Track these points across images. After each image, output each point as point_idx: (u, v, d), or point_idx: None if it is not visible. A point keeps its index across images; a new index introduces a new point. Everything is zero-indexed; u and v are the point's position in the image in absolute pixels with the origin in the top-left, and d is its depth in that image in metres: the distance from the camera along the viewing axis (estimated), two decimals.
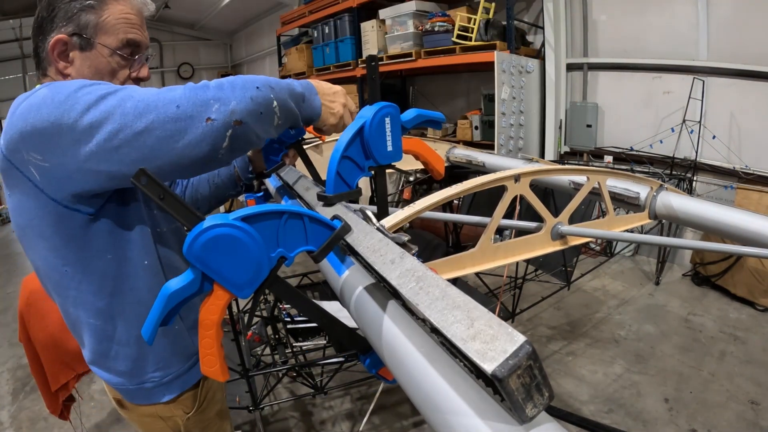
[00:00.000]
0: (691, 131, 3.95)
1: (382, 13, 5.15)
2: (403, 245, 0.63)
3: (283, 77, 5.46)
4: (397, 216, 0.93)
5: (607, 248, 4.53)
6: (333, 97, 0.94)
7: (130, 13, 0.91)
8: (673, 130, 4.07)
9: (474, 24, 4.20)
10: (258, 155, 1.27)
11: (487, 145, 4.51)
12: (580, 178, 1.38)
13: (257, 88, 0.76)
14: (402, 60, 4.97)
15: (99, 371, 1.02)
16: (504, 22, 4.25)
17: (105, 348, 0.97)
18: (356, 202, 1.00)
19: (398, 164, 0.90)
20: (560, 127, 4.74)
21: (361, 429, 2.38)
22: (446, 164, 2.41)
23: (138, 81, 0.97)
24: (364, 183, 0.96)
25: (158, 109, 0.70)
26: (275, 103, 0.78)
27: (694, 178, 3.99)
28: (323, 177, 0.91)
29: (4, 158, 0.80)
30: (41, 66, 0.91)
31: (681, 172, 3.91)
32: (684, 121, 3.92)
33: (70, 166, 0.75)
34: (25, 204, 0.84)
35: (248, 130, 0.76)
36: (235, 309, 2.61)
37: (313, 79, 0.96)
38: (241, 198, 1.54)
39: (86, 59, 0.89)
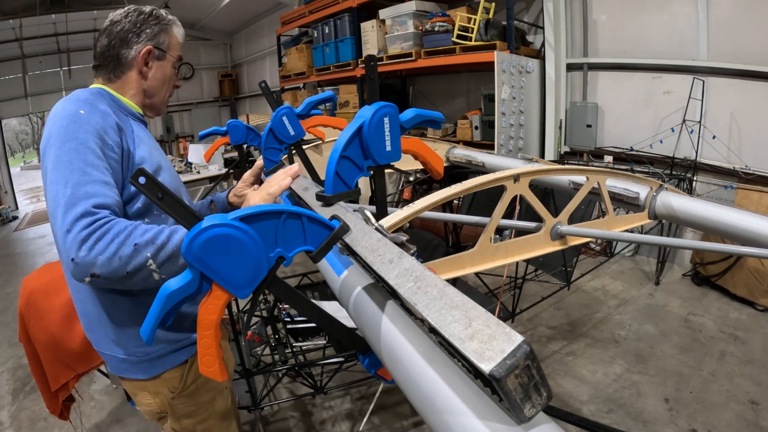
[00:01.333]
0: (691, 131, 3.95)
1: (382, 13, 5.15)
2: (401, 245, 0.63)
3: (283, 77, 5.44)
4: (397, 216, 0.93)
5: (607, 248, 4.53)
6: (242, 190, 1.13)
7: (181, 37, 1.27)
8: (673, 130, 4.07)
9: (474, 24, 4.20)
10: (238, 201, 1.43)
11: (487, 145, 4.51)
12: (580, 178, 1.38)
13: (133, 255, 0.85)
14: (402, 60, 4.97)
15: (97, 346, 1.14)
16: (504, 22, 4.25)
17: (102, 319, 1.10)
18: (355, 202, 1.00)
19: (398, 164, 0.89)
20: (560, 127, 4.74)
21: (361, 429, 2.38)
22: (446, 164, 2.41)
23: (176, 87, 1.31)
24: (363, 183, 0.96)
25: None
26: (152, 263, 0.87)
27: (694, 178, 3.99)
28: (322, 177, 0.91)
29: None
30: (117, 69, 1.16)
31: (681, 172, 3.91)
32: (684, 121, 3.92)
33: None
34: None
35: (108, 282, 0.86)
36: (234, 309, 2.61)
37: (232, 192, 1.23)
38: None
39: (159, 67, 1.21)
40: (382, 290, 0.65)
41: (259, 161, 1.46)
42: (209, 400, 1.22)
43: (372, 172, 0.88)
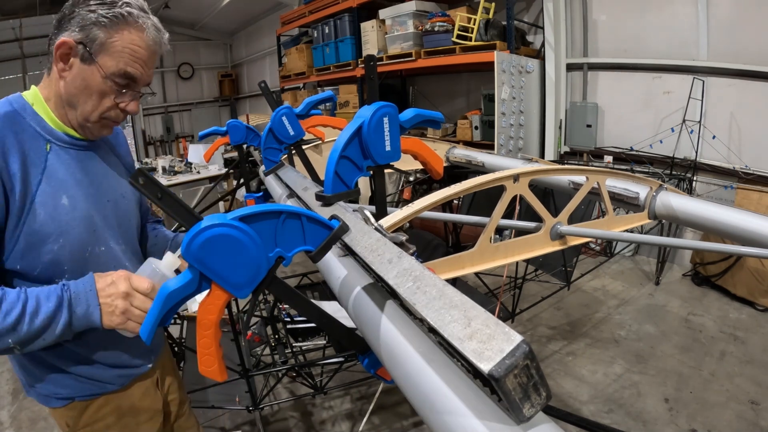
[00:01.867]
0: (691, 131, 3.95)
1: (382, 13, 5.15)
2: (401, 245, 0.63)
3: (283, 77, 5.42)
4: (396, 216, 0.93)
5: (607, 248, 4.53)
6: (110, 290, 0.85)
7: (139, 46, 0.91)
8: (673, 130, 4.07)
9: (474, 24, 4.20)
10: None
11: (487, 145, 4.51)
12: (580, 178, 1.37)
13: None
14: (402, 60, 4.97)
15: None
16: (504, 22, 4.25)
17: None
18: (355, 202, 1.00)
19: (397, 164, 0.89)
20: (560, 127, 4.74)
21: (360, 429, 2.38)
22: (446, 164, 2.41)
23: (123, 113, 0.98)
24: (363, 183, 0.96)
25: None
26: (10, 344, 0.81)
27: (694, 178, 3.99)
28: (322, 177, 0.91)
29: None
30: (49, 59, 0.93)
31: (681, 172, 3.91)
32: (684, 121, 3.92)
33: None
34: None
35: None
36: (234, 309, 2.61)
37: (100, 275, 0.88)
38: (241, 198, 1.54)
39: (82, 72, 0.90)
40: (382, 290, 0.65)
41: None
42: None
43: (372, 172, 0.88)
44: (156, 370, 1.19)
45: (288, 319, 2.71)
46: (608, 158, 4.52)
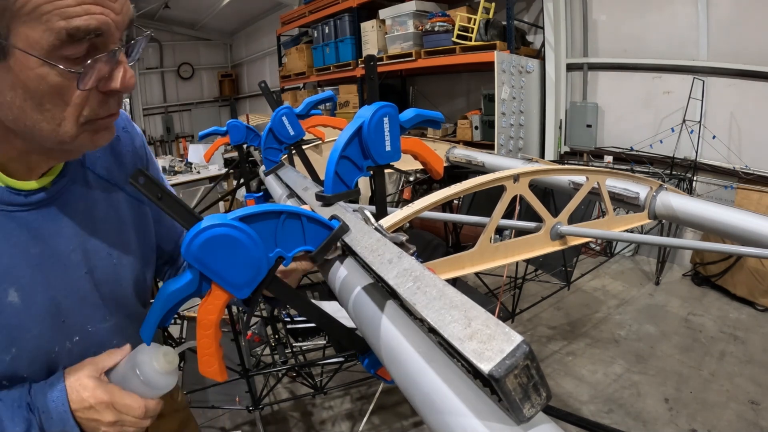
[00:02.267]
0: (691, 131, 3.95)
1: (382, 13, 5.15)
2: (401, 245, 0.63)
3: (283, 77, 5.41)
4: (396, 216, 0.93)
5: (607, 248, 4.53)
6: (90, 415, 0.65)
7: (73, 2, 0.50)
8: (673, 130, 4.07)
9: (474, 24, 4.20)
10: None
11: (487, 145, 4.51)
12: (580, 178, 1.37)
13: None
14: (402, 60, 4.97)
15: None
16: (504, 22, 4.25)
17: None
18: (355, 202, 1.00)
19: (397, 164, 0.89)
20: (560, 127, 4.74)
21: (360, 429, 2.38)
22: (446, 164, 2.41)
23: (113, 93, 0.60)
24: (363, 183, 0.96)
25: None
26: None
27: (694, 178, 3.99)
28: (322, 177, 0.91)
29: None
30: None
31: (681, 172, 3.91)
32: (684, 121, 3.92)
33: None
34: None
35: None
36: (234, 309, 2.61)
37: (73, 387, 0.66)
38: (241, 198, 1.54)
39: (8, 75, 0.53)
40: (382, 290, 0.65)
41: None
42: None
43: (372, 172, 0.88)
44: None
45: (288, 319, 2.71)
46: (608, 158, 4.52)
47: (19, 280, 0.65)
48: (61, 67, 0.52)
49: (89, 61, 0.54)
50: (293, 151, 1.63)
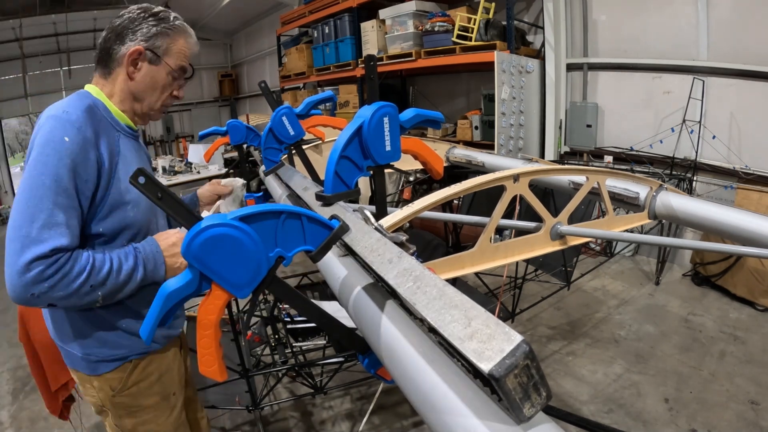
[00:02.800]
0: (691, 131, 3.95)
1: (382, 13, 5.15)
2: (401, 245, 0.63)
3: (283, 77, 5.41)
4: (396, 216, 0.93)
5: (607, 248, 4.53)
6: (173, 250, 1.10)
7: (188, 48, 1.22)
8: (673, 130, 4.07)
9: (474, 24, 4.20)
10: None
11: (487, 145, 4.51)
12: (580, 178, 1.37)
13: (87, 292, 0.98)
14: (402, 60, 4.97)
15: (58, 339, 1.20)
16: (504, 22, 4.25)
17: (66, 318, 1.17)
18: (355, 202, 1.00)
19: (397, 164, 0.89)
20: (560, 127, 4.74)
21: (360, 429, 2.38)
22: (446, 164, 2.41)
23: (175, 98, 1.25)
24: (363, 183, 0.96)
25: None
26: (99, 296, 1.00)
27: (694, 178, 3.99)
28: (322, 177, 0.91)
29: None
30: (109, 65, 1.14)
31: (681, 172, 3.91)
32: (684, 121, 3.92)
33: None
34: None
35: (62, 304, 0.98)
36: (234, 309, 2.61)
37: (161, 238, 1.11)
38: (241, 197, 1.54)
39: (150, 71, 1.15)
40: (382, 290, 0.65)
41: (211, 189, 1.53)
42: (152, 404, 1.26)
43: (372, 172, 0.88)
44: (179, 338, 1.40)
45: (288, 319, 2.71)
46: (608, 158, 4.52)
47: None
48: (171, 78, 1.20)
49: (178, 81, 1.23)
50: (293, 151, 1.63)
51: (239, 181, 1.49)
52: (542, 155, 4.75)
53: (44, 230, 0.93)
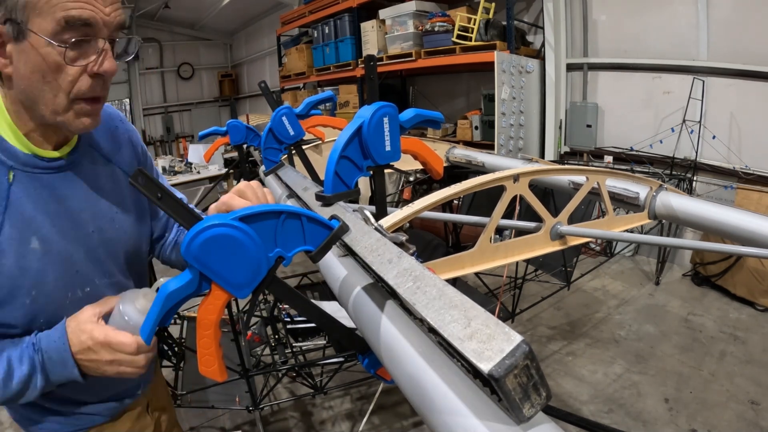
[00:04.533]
0: (691, 131, 3.95)
1: (382, 13, 5.15)
2: (400, 245, 0.63)
3: (283, 77, 5.43)
4: (396, 216, 0.93)
5: (607, 248, 4.53)
6: (90, 356, 0.75)
7: None
8: (673, 130, 4.07)
9: (474, 24, 4.20)
10: None
11: (487, 145, 4.51)
12: (580, 178, 1.37)
13: None
14: (402, 60, 4.97)
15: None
16: (504, 22, 4.25)
17: None
18: (355, 202, 1.00)
19: (397, 164, 0.89)
20: (560, 127, 4.74)
21: (360, 429, 2.38)
22: (446, 164, 2.41)
23: (97, 76, 0.73)
24: (363, 183, 0.96)
25: None
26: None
27: (694, 178, 3.99)
28: (322, 177, 0.91)
29: None
30: None
31: (681, 172, 3.91)
32: (684, 121, 3.92)
33: None
34: None
35: None
36: (234, 309, 2.61)
37: (73, 328, 0.76)
38: None
39: (22, 54, 0.68)
40: (382, 290, 0.65)
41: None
42: None
43: (372, 172, 0.88)
44: (146, 397, 1.10)
45: (288, 319, 2.71)
46: (608, 158, 4.52)
47: (40, 230, 0.77)
48: (56, 44, 0.67)
49: (74, 40, 0.68)
50: (293, 151, 1.63)
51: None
52: (542, 155, 4.75)
53: None
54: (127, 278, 0.96)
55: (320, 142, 2.17)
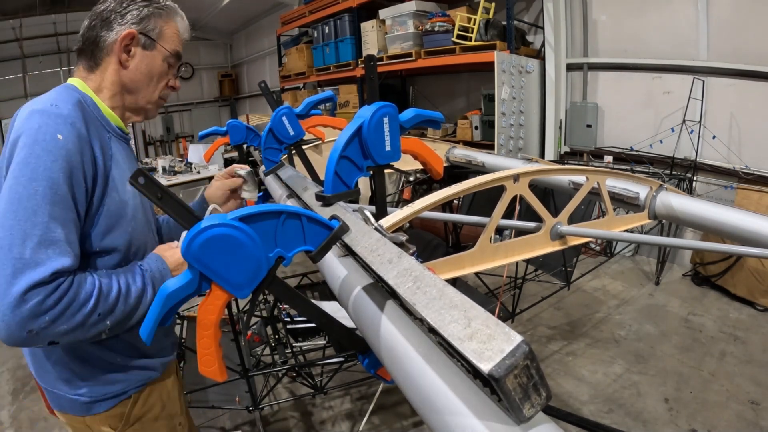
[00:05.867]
0: (691, 131, 3.95)
1: (382, 13, 5.15)
2: (401, 245, 0.63)
3: (283, 77, 5.43)
4: (396, 216, 0.93)
5: (607, 248, 4.53)
6: (181, 268, 0.98)
7: (181, 30, 1.09)
8: (673, 130, 4.07)
9: (474, 24, 4.20)
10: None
11: (487, 145, 4.51)
12: (580, 178, 1.37)
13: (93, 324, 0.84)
14: (402, 60, 4.97)
15: (42, 381, 1.05)
16: (504, 22, 4.25)
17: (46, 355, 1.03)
18: (355, 202, 1.00)
19: (397, 164, 0.89)
20: (560, 127, 4.74)
21: (360, 429, 2.38)
22: (446, 164, 2.41)
23: (172, 89, 1.12)
24: (363, 183, 0.96)
25: None
26: (108, 326, 0.87)
27: (694, 178, 3.99)
28: (322, 177, 0.91)
29: None
30: (96, 56, 1.00)
31: (681, 172, 3.91)
32: (684, 121, 3.92)
33: None
34: None
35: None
36: (234, 309, 2.61)
37: (165, 251, 1.01)
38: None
39: (145, 57, 1.02)
40: (382, 290, 0.65)
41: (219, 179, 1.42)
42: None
43: (372, 172, 0.88)
44: (174, 364, 1.25)
45: (288, 319, 2.71)
46: (608, 158, 4.52)
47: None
48: (166, 64, 1.07)
49: (177, 67, 1.11)
50: (293, 151, 1.63)
51: (245, 168, 1.42)
52: (542, 155, 4.75)
53: (41, 249, 0.76)
54: (155, 241, 1.16)
55: (320, 142, 2.17)
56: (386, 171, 0.91)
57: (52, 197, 0.80)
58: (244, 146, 2.01)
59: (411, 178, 4.96)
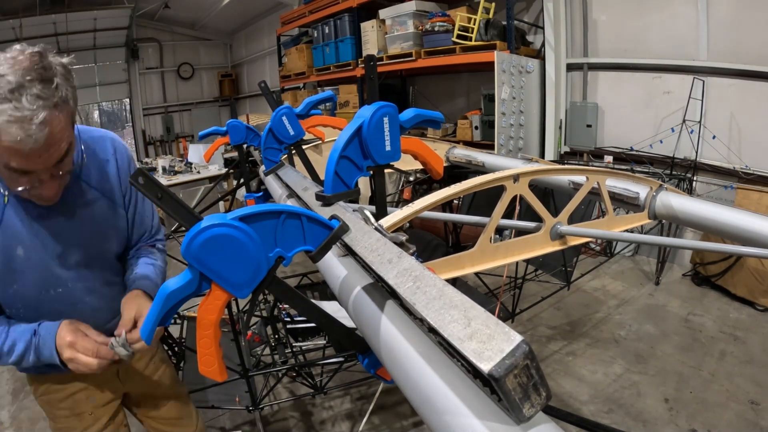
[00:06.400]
0: (691, 131, 3.95)
1: (382, 13, 5.15)
2: (400, 245, 0.63)
3: (283, 77, 5.42)
4: (396, 216, 0.93)
5: (607, 248, 4.53)
6: (67, 350, 1.01)
7: (10, 141, 0.81)
8: (673, 130, 4.07)
9: (474, 24, 4.20)
10: None
11: (487, 145, 4.51)
12: (580, 178, 1.37)
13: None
14: (402, 60, 4.97)
15: None
16: (504, 22, 4.25)
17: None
18: (355, 201, 1.00)
19: (397, 164, 0.89)
20: (560, 127, 4.74)
21: (360, 429, 2.38)
22: (446, 164, 2.41)
23: (40, 196, 0.97)
24: (363, 183, 0.96)
25: None
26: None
27: (694, 178, 3.99)
28: (322, 177, 0.91)
29: None
30: None
31: (681, 172, 3.91)
32: (684, 121, 3.92)
33: None
34: None
35: None
36: (234, 309, 2.61)
37: (61, 334, 1.03)
38: (241, 198, 1.54)
39: None
40: (382, 290, 0.65)
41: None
42: (64, 416, 1.26)
43: (372, 172, 0.88)
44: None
45: (288, 319, 2.71)
46: (608, 158, 4.52)
47: (24, 242, 1.03)
48: (7, 172, 0.89)
49: (27, 178, 0.91)
50: (293, 151, 1.63)
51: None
52: (542, 155, 4.75)
53: None
54: (105, 281, 1.19)
55: (320, 142, 2.17)
56: (386, 171, 0.91)
57: None
58: (244, 146, 2.01)
59: (411, 178, 4.96)
